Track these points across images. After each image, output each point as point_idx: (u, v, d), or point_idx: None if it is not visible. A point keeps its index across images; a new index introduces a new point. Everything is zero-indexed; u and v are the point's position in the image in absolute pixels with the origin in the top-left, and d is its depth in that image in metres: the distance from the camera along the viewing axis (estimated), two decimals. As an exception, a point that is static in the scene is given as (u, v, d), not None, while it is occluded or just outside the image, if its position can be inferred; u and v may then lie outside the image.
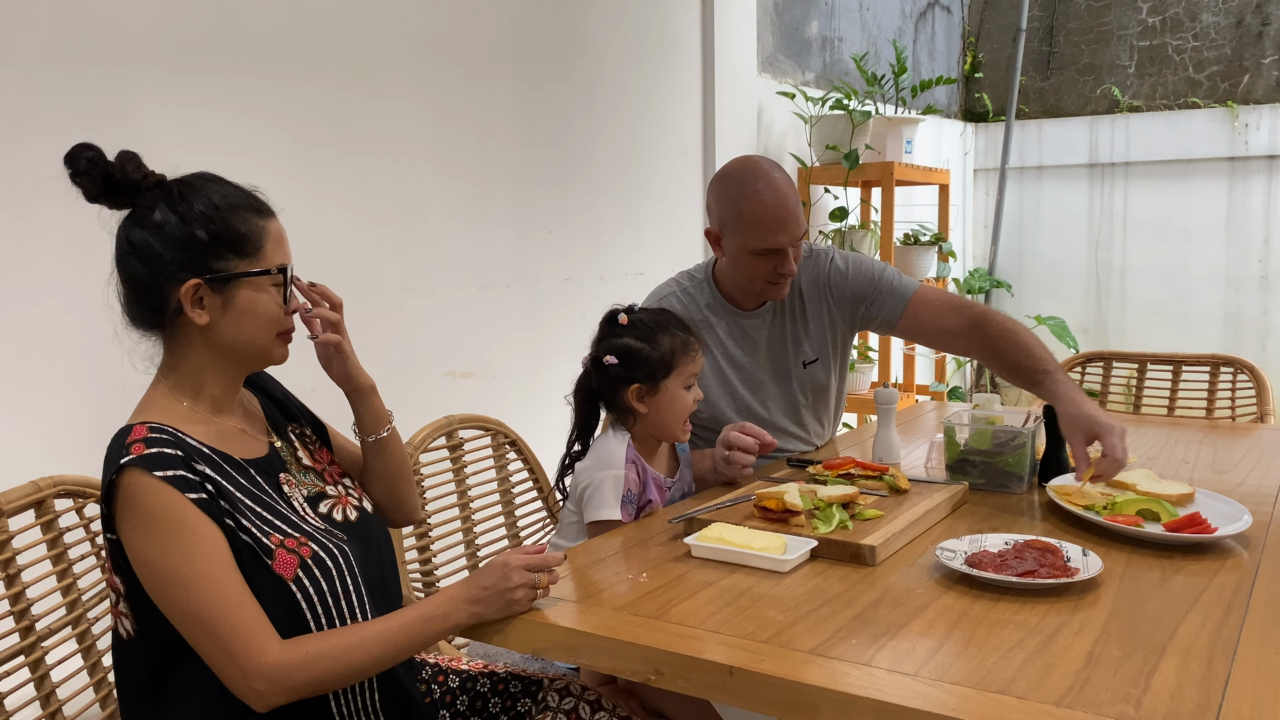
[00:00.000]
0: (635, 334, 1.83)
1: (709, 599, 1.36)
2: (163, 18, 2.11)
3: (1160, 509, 1.61)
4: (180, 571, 1.20)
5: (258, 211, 1.36)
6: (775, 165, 2.11)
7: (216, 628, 1.20)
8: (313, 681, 1.23)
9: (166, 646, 1.26)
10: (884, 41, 5.22)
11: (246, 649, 1.20)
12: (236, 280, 1.32)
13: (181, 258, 1.30)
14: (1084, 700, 1.05)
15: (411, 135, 2.68)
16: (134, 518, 1.22)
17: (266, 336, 1.36)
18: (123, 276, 1.34)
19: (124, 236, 1.34)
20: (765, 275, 2.08)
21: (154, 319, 1.34)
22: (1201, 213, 5.76)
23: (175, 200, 1.31)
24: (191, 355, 1.35)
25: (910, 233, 4.48)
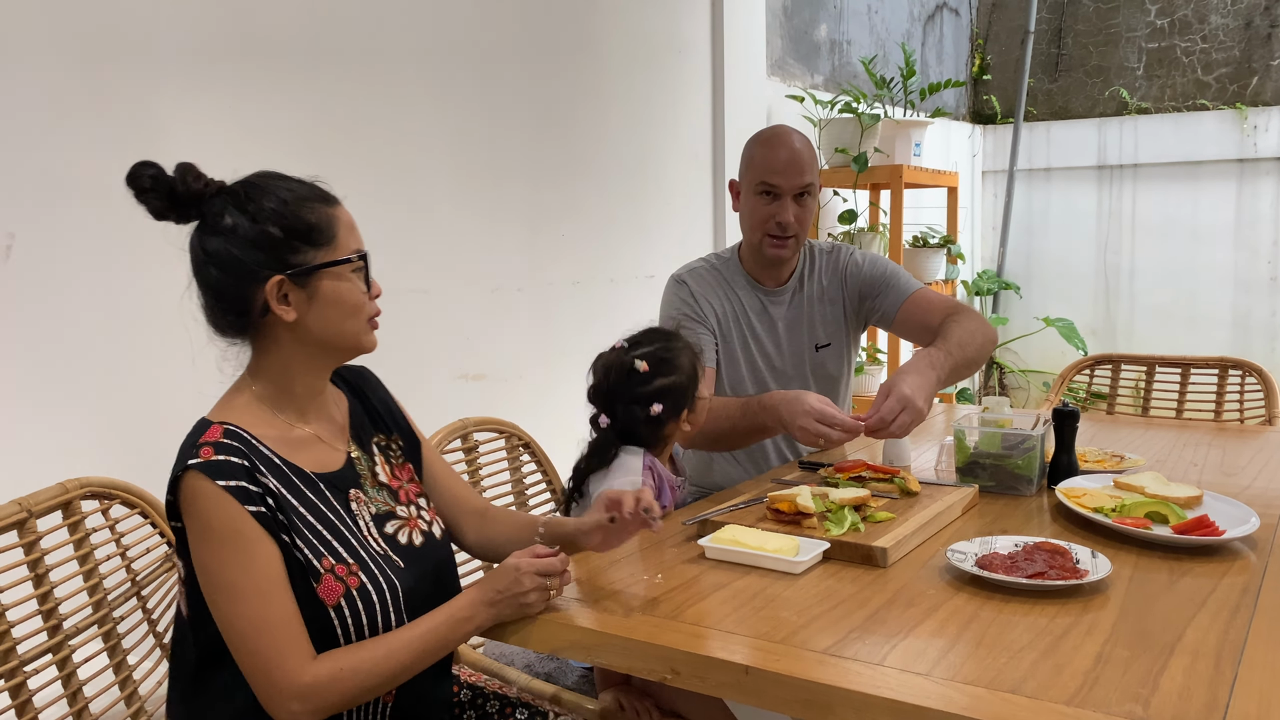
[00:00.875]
0: (661, 373, 1.82)
1: (723, 600, 1.38)
2: (179, 22, 2.14)
3: (1168, 511, 1.63)
4: (231, 582, 1.23)
5: (325, 200, 1.36)
6: (800, 133, 2.28)
7: (257, 644, 1.22)
8: (346, 696, 1.25)
9: (214, 637, 1.27)
10: (892, 44, 5.23)
11: (283, 668, 1.22)
12: (317, 272, 1.31)
13: (260, 257, 1.29)
14: (1093, 700, 1.07)
15: (424, 139, 2.71)
16: (194, 520, 1.24)
17: (355, 324, 1.35)
18: (203, 286, 1.34)
19: (198, 247, 1.32)
20: (763, 221, 2.22)
21: (240, 323, 1.34)
22: (1210, 215, 5.76)
23: (244, 202, 1.30)
24: (280, 354, 1.35)
25: (919, 235, 4.50)
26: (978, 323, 2.17)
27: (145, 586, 1.65)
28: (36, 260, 1.93)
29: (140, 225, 2.07)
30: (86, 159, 2.00)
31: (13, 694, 1.42)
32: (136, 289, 2.08)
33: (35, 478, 1.57)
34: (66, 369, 1.97)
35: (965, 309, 2.23)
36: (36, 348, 1.93)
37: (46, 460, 1.89)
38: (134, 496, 1.64)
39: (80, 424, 1.99)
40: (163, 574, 1.67)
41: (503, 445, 2.25)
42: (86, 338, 2.00)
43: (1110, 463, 2.07)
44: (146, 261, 2.10)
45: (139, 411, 2.08)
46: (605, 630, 1.30)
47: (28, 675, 1.44)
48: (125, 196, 2.04)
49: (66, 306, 1.97)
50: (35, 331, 1.93)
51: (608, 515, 1.40)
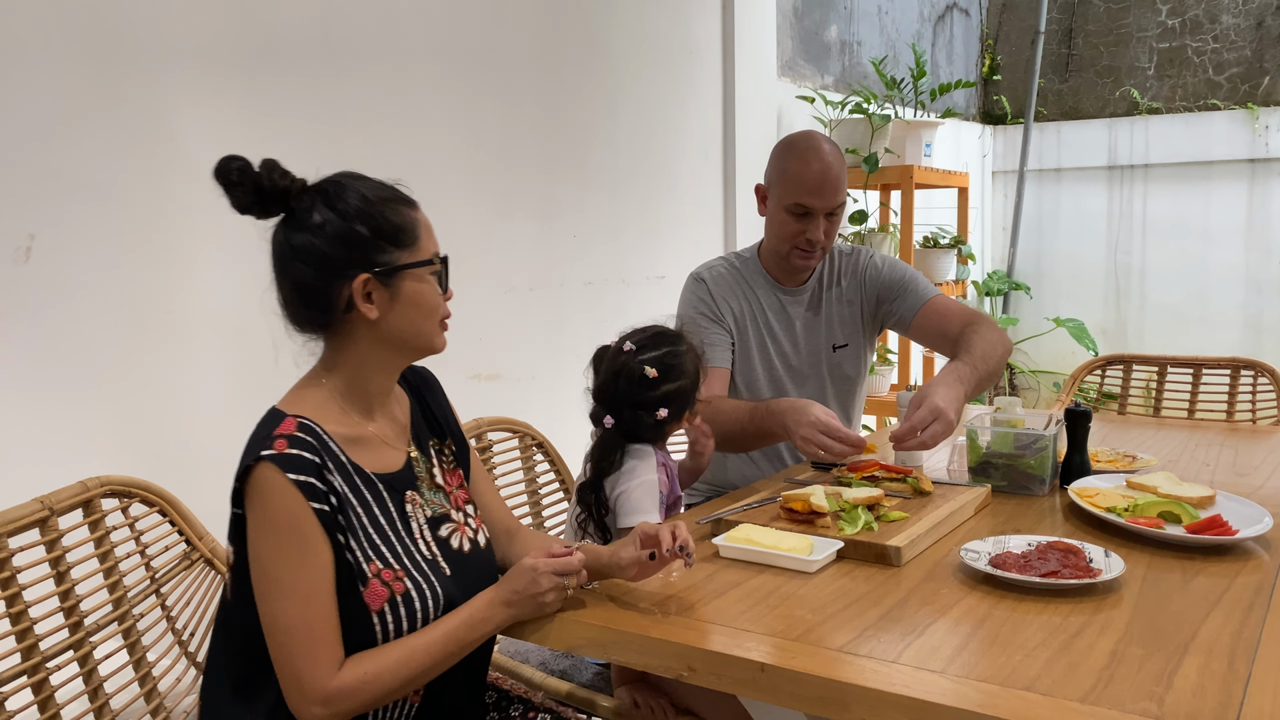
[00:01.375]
0: (668, 379, 1.82)
1: (738, 598, 1.39)
2: (194, 22, 2.15)
3: (1181, 511, 1.64)
4: (282, 578, 1.24)
5: (407, 203, 1.39)
6: (832, 142, 2.26)
7: (293, 645, 1.24)
8: (369, 700, 1.27)
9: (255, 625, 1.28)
10: (903, 45, 5.24)
11: (312, 673, 1.23)
12: (401, 272, 1.34)
13: (347, 255, 1.31)
14: (1108, 697, 1.08)
15: (436, 140, 2.73)
16: (257, 510, 1.25)
17: (430, 325, 1.38)
18: (287, 281, 1.35)
19: (284, 242, 1.34)
20: (793, 237, 2.22)
21: (321, 319, 1.35)
22: (1221, 215, 5.75)
23: (332, 200, 1.33)
24: (357, 351, 1.37)
25: (930, 235, 4.51)
26: (996, 334, 2.17)
27: (164, 584, 1.66)
28: (56, 260, 1.94)
29: (159, 225, 2.11)
30: (104, 160, 2.02)
31: (35, 690, 1.44)
32: (155, 288, 2.10)
33: (56, 476, 1.59)
34: (86, 368, 1.99)
35: (983, 318, 2.23)
36: (57, 347, 1.94)
37: (67, 458, 1.91)
38: (153, 495, 1.65)
39: (100, 422, 2.00)
40: (180, 572, 1.69)
41: (516, 445, 2.26)
42: (106, 337, 2.02)
43: (1122, 463, 2.07)
44: (166, 261, 2.12)
45: (158, 410, 2.10)
46: (622, 628, 1.32)
47: (50, 671, 1.46)
48: (144, 196, 2.07)
49: (86, 306, 1.99)
50: (55, 331, 1.94)
51: (646, 551, 1.39)
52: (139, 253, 2.08)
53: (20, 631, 1.43)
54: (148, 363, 2.09)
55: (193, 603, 1.69)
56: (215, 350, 2.21)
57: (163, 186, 2.11)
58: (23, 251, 1.90)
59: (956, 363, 2.03)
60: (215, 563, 1.71)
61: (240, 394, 2.26)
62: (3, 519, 1.43)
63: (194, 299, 2.17)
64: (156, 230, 2.11)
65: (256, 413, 2.32)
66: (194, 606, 1.70)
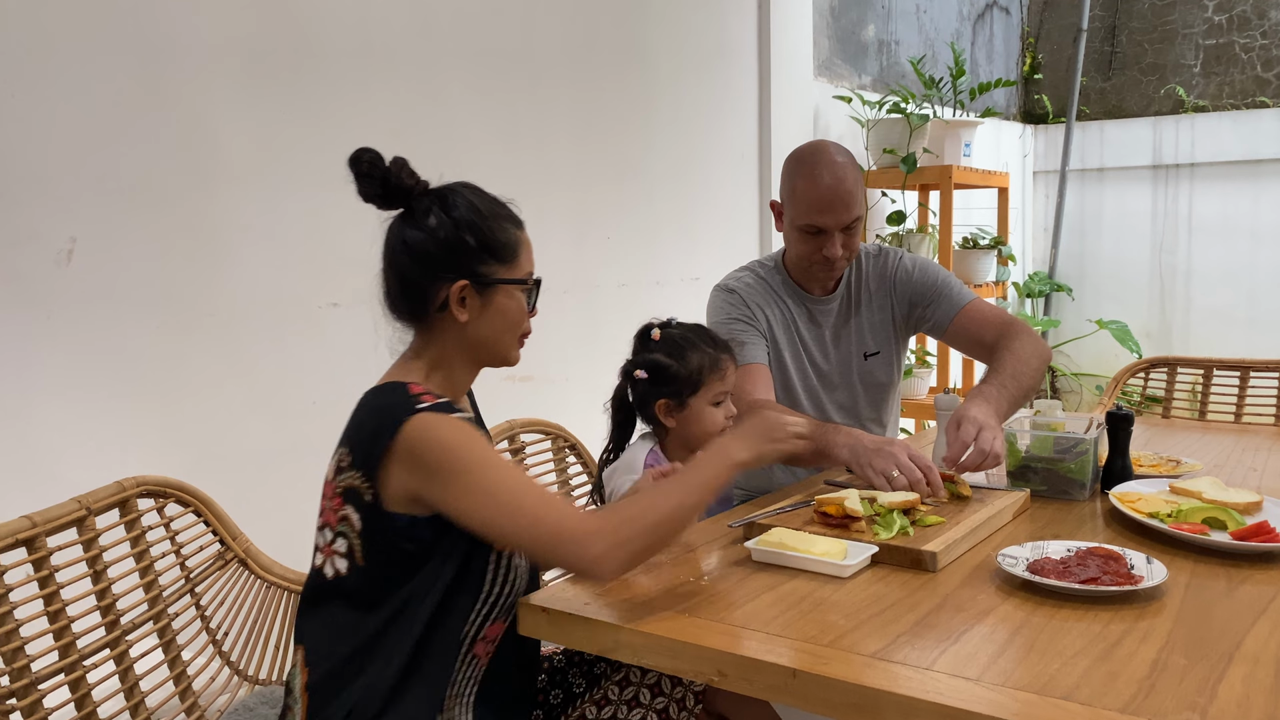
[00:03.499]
0: (665, 350, 1.84)
1: (770, 603, 1.38)
2: (233, 28, 2.18)
3: (1227, 517, 1.60)
4: (498, 479, 1.30)
5: (514, 222, 1.49)
6: (844, 151, 2.16)
7: (546, 515, 1.29)
8: (635, 535, 1.31)
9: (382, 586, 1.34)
10: (941, 44, 5.18)
11: (575, 523, 1.30)
12: (497, 285, 1.44)
13: (451, 260, 1.41)
14: (1149, 708, 1.05)
15: (472, 143, 2.73)
16: (432, 451, 1.30)
17: (510, 338, 1.48)
18: (393, 271, 1.44)
19: (398, 236, 1.44)
20: (810, 255, 2.16)
21: (416, 311, 1.44)
22: (1271, 214, 5.63)
23: (449, 207, 1.42)
24: (444, 350, 1.46)
25: (969, 236, 4.45)
26: (1032, 344, 2.11)
27: (198, 584, 1.68)
28: (97, 262, 1.97)
29: (199, 227, 2.13)
30: (145, 163, 2.04)
31: (72, 688, 1.46)
32: (195, 290, 2.12)
33: (96, 476, 1.61)
34: (126, 369, 2.02)
35: (1018, 327, 2.17)
36: (95, 348, 1.97)
37: (107, 459, 1.94)
38: (188, 495, 1.67)
39: (140, 424, 2.03)
40: (214, 572, 1.71)
41: (549, 447, 2.26)
42: (146, 339, 2.04)
43: (1166, 467, 2.03)
44: (206, 263, 2.14)
45: (194, 411, 2.12)
46: (652, 631, 1.30)
47: (86, 670, 1.47)
48: (185, 198, 2.09)
49: (126, 308, 2.02)
50: (96, 332, 1.97)
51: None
52: (179, 255, 2.10)
53: (58, 630, 1.45)
54: (187, 364, 2.11)
55: (226, 603, 1.71)
56: (255, 352, 2.23)
57: (203, 188, 2.13)
58: (64, 254, 1.93)
59: (984, 386, 1.99)
60: (249, 563, 1.73)
61: (278, 395, 2.28)
62: (41, 518, 1.45)
63: (233, 301, 2.19)
64: (196, 232, 2.13)
65: (295, 415, 2.34)
66: (228, 606, 1.71)
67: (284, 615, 1.77)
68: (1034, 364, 2.07)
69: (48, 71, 1.89)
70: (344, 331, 2.39)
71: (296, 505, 2.29)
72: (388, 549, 1.34)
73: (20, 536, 1.42)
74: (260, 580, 1.75)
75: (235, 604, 1.72)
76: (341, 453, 1.37)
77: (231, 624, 1.72)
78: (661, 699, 1.55)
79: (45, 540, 1.45)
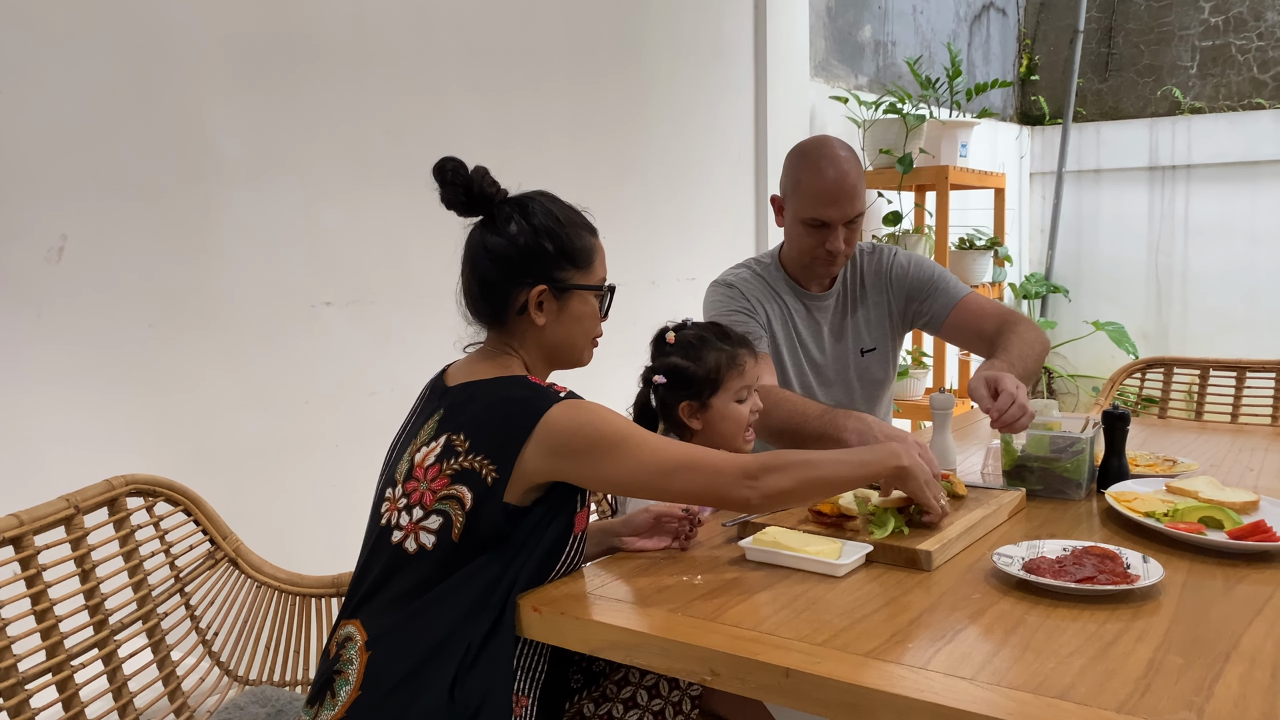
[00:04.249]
0: (681, 352, 1.83)
1: (764, 602, 1.37)
2: (227, 25, 2.17)
3: (1223, 516, 1.59)
4: (654, 436, 1.42)
5: (589, 230, 1.55)
6: (846, 146, 2.17)
7: (699, 460, 1.41)
8: (784, 464, 1.43)
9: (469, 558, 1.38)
10: (938, 45, 5.18)
11: (727, 462, 1.42)
12: (573, 290, 1.51)
13: (530, 265, 1.48)
14: (1145, 707, 1.04)
15: (469, 142, 2.72)
16: (580, 433, 1.39)
17: (584, 341, 1.56)
18: (474, 276, 1.51)
19: (480, 242, 1.50)
20: (812, 249, 2.17)
21: (495, 314, 1.51)
22: (1267, 216, 5.63)
23: (528, 214, 1.49)
24: (523, 349, 1.52)
25: (965, 237, 4.45)
26: (1034, 332, 2.13)
27: (188, 584, 1.66)
28: (88, 260, 1.96)
29: (192, 224, 2.12)
30: (136, 161, 2.03)
31: (60, 688, 1.44)
32: (187, 288, 2.11)
33: (87, 473, 1.59)
34: (115, 367, 2.00)
35: (1019, 317, 2.18)
36: (87, 345, 1.96)
37: (98, 457, 1.92)
38: (177, 494, 1.66)
39: (127, 422, 2.02)
40: (204, 571, 1.69)
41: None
42: (135, 337, 2.03)
43: (1162, 467, 2.02)
44: (198, 261, 2.13)
45: (184, 410, 2.11)
46: (645, 630, 1.29)
47: (74, 669, 1.46)
48: (177, 195, 2.08)
49: (117, 305, 2.01)
50: (85, 330, 1.96)
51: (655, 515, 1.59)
52: (171, 252, 2.09)
53: (45, 629, 1.44)
54: (178, 362, 2.10)
55: (216, 602, 1.70)
56: (246, 350, 2.22)
57: (196, 185, 2.12)
58: (55, 251, 1.92)
59: (994, 360, 1.98)
60: (239, 562, 1.72)
61: (270, 394, 2.26)
62: (29, 516, 1.43)
63: (225, 299, 2.18)
64: (189, 230, 2.12)
65: (288, 414, 2.33)
66: (218, 606, 1.70)
67: (275, 615, 1.76)
68: (1037, 349, 2.08)
69: (39, 67, 1.88)
70: (337, 330, 2.38)
71: (288, 504, 2.28)
72: (491, 531, 1.38)
73: (8, 535, 1.40)
74: (250, 580, 1.74)
75: (225, 603, 1.71)
76: (454, 439, 1.41)
77: (221, 624, 1.70)
78: (659, 701, 1.54)
79: (33, 539, 1.44)
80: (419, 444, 1.45)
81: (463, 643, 1.35)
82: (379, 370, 2.46)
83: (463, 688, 1.33)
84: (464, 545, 1.38)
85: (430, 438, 1.44)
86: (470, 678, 1.33)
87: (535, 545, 1.41)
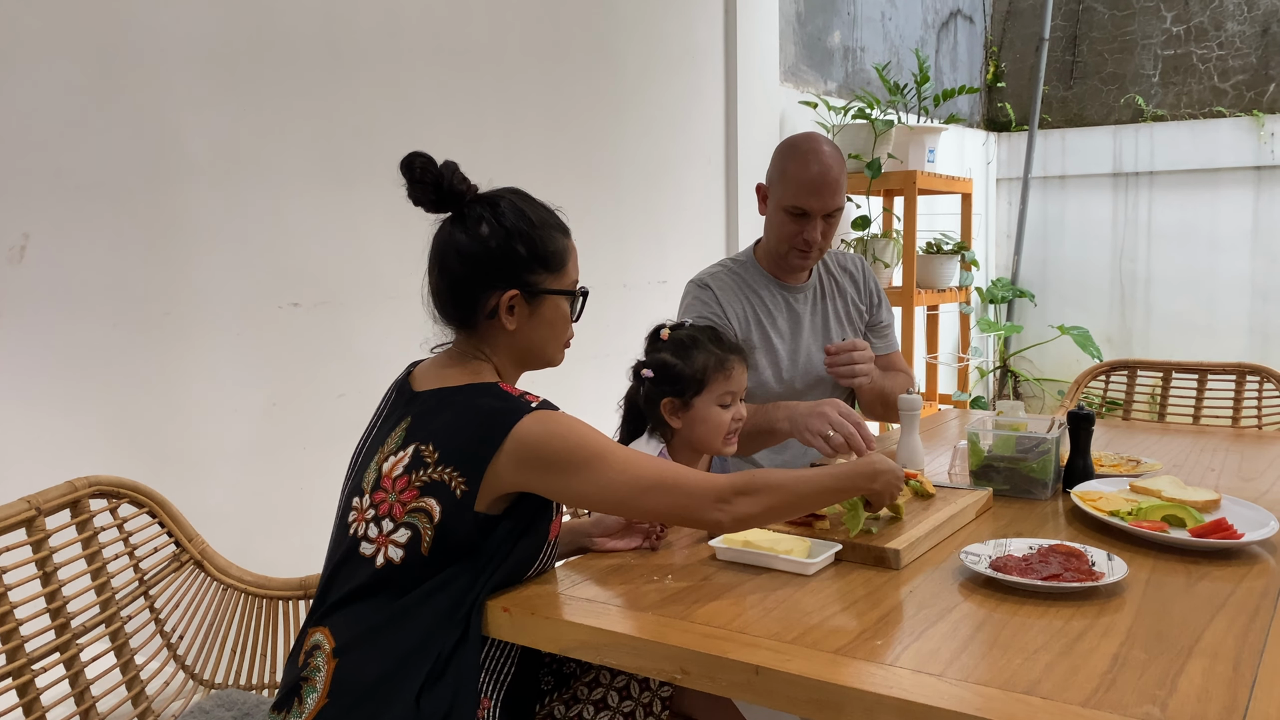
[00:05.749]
0: (672, 349, 1.84)
1: (734, 600, 1.37)
2: (193, 24, 2.15)
3: (1186, 515, 1.61)
4: (629, 453, 1.39)
5: (563, 231, 1.51)
6: (833, 144, 2.28)
7: (673, 481, 1.39)
8: (757, 486, 1.41)
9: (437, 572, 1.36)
10: (906, 51, 5.22)
11: (701, 482, 1.40)
12: (545, 295, 1.47)
13: (502, 269, 1.44)
14: (1110, 701, 1.05)
15: (438, 143, 2.69)
16: (553, 444, 1.35)
17: (556, 344, 1.54)
18: (443, 277, 1.47)
19: (449, 242, 1.46)
20: (790, 237, 2.25)
21: (464, 317, 1.47)
22: (1228, 222, 5.72)
23: (500, 215, 1.45)
24: (494, 352, 1.49)
25: (933, 241, 4.48)
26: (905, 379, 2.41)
27: (153, 586, 1.64)
28: (51, 260, 1.93)
29: (156, 224, 2.09)
30: (101, 159, 2.00)
31: (20, 692, 1.42)
32: (151, 289, 2.09)
33: (50, 476, 1.57)
34: (81, 368, 1.97)
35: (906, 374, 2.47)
36: (49, 346, 1.93)
37: (56, 458, 1.89)
38: (142, 496, 1.64)
39: (90, 423, 1.99)
40: (170, 574, 1.67)
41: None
42: (99, 337, 2.00)
43: (1126, 467, 2.05)
44: (162, 261, 2.11)
45: (149, 411, 2.09)
46: (615, 630, 1.29)
47: (35, 674, 1.44)
48: (142, 195, 2.06)
49: (81, 306, 1.98)
50: (48, 331, 1.93)
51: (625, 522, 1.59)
52: (136, 253, 2.06)
53: (5, 633, 1.42)
54: (143, 363, 2.08)
55: (181, 605, 1.68)
56: (212, 351, 2.19)
57: (162, 185, 2.10)
58: (17, 251, 1.89)
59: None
60: (205, 565, 1.70)
61: (237, 395, 2.24)
62: (-11, 518, 1.41)
63: (191, 300, 2.15)
64: (154, 230, 2.09)
65: (254, 416, 2.31)
66: (183, 609, 1.68)
67: (241, 618, 1.74)
68: (901, 380, 2.37)
69: (1, 64, 1.85)
70: (305, 332, 2.36)
71: (254, 507, 2.26)
72: (461, 543, 1.36)
73: (-33, 537, 1.38)
74: (217, 582, 1.72)
75: (190, 607, 1.69)
76: (423, 449, 1.38)
77: (187, 627, 1.68)
78: (629, 702, 1.54)
79: (-7, 541, 1.42)
80: (386, 453, 1.42)
81: (433, 651, 1.33)
82: (347, 372, 2.44)
83: (430, 696, 1.31)
84: (433, 558, 1.36)
85: (398, 446, 1.40)
86: (439, 686, 1.32)
87: (507, 554, 1.39)
